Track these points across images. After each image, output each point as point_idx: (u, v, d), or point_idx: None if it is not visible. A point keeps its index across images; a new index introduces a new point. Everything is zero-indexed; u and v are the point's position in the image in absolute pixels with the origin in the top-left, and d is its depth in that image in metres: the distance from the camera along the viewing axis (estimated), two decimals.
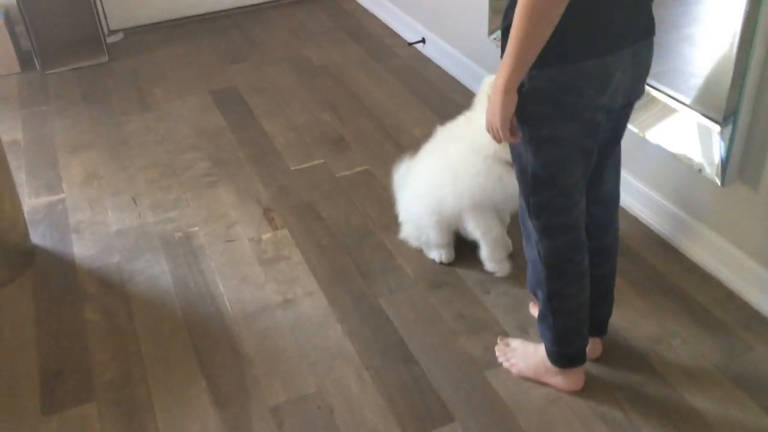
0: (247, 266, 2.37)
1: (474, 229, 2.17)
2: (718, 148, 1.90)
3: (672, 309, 2.06)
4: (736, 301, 2.06)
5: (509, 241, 2.32)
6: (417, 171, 2.30)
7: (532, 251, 1.66)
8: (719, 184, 1.93)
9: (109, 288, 2.32)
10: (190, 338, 2.10)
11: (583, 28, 1.31)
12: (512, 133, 1.43)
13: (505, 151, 1.93)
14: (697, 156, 1.99)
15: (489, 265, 2.21)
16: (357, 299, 2.20)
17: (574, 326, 1.71)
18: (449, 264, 2.29)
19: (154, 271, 2.38)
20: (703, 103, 1.99)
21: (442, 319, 2.10)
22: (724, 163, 1.89)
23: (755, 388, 1.80)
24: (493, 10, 2.82)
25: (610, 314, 1.85)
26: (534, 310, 2.07)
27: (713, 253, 2.12)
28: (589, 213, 1.62)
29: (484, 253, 2.21)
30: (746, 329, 1.96)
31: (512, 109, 1.38)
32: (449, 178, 2.10)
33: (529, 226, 1.63)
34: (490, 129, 1.45)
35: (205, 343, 2.08)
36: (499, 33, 1.49)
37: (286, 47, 3.92)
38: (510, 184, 1.99)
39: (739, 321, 1.99)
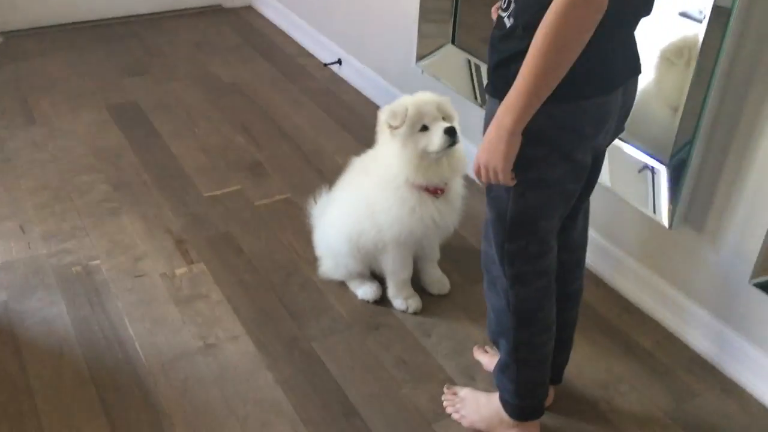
0: (160, 306, 2.12)
1: (386, 266, 2.09)
2: (666, 191, 1.88)
3: (616, 352, 2.01)
4: (676, 343, 2.04)
5: (445, 280, 2.21)
6: (333, 203, 2.19)
7: (497, 299, 1.55)
8: (667, 226, 1.91)
9: None
10: (96, 392, 1.83)
11: (589, 64, 1.21)
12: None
13: (417, 177, 1.89)
14: (639, 198, 1.96)
15: (396, 302, 2.13)
16: (288, 344, 2.01)
17: (538, 377, 1.62)
18: (381, 304, 2.15)
19: (49, 312, 2.08)
20: (647, 141, 1.96)
21: (383, 365, 1.95)
22: (673, 206, 1.87)
23: None
24: (422, 35, 2.73)
25: (566, 362, 1.78)
26: (479, 354, 1.96)
27: (651, 294, 2.11)
28: (558, 259, 1.54)
29: (391, 291, 2.14)
30: (689, 373, 1.95)
31: (516, 150, 1.27)
32: (365, 212, 2.02)
33: (495, 273, 1.53)
34: (483, 171, 1.32)
35: (115, 397, 1.82)
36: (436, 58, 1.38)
37: (190, 62, 3.66)
38: (429, 213, 1.94)
39: (682, 364, 1.97)
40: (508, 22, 1.29)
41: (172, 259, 2.30)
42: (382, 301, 2.16)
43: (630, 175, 2.00)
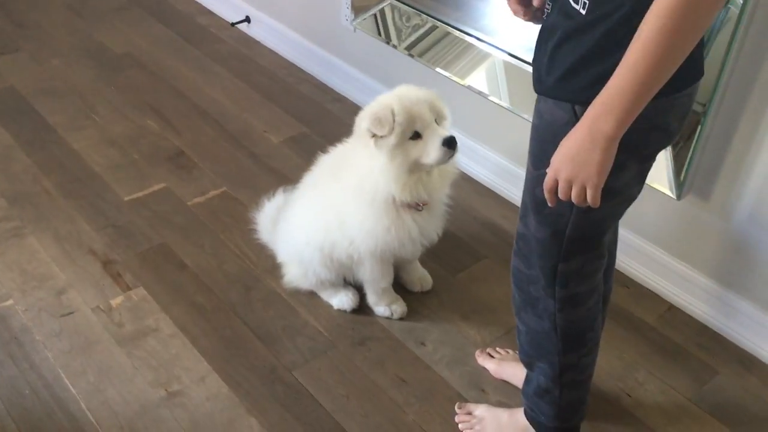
0: (101, 350, 1.77)
1: (363, 275, 1.83)
2: (670, 161, 1.71)
3: (622, 334, 1.87)
4: (680, 315, 1.92)
5: (427, 277, 1.98)
6: (297, 205, 1.88)
7: (538, 322, 1.34)
8: (675, 197, 1.75)
9: None
10: None
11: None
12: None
13: (404, 194, 1.62)
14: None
15: (378, 309, 1.89)
16: (266, 377, 1.73)
17: (582, 397, 1.45)
18: (361, 312, 1.89)
19: None
20: None
21: (380, 388, 1.71)
22: (683, 176, 1.71)
23: (734, 420, 1.67)
24: None
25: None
26: (484, 360, 1.76)
27: (649, 265, 1.97)
28: None
29: (371, 298, 1.89)
30: (701, 349, 1.83)
31: (612, 160, 1.03)
32: (334, 222, 1.74)
33: (536, 294, 1.31)
34: (565, 186, 1.06)
35: None
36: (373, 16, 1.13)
37: (70, 31, 3.13)
38: (403, 232, 1.69)
39: (692, 340, 1.86)
40: (578, 7, 1.03)
41: (103, 288, 1.93)
42: (361, 308, 1.91)
43: None
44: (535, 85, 1.16)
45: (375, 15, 2.45)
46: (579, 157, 1.02)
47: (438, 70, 2.25)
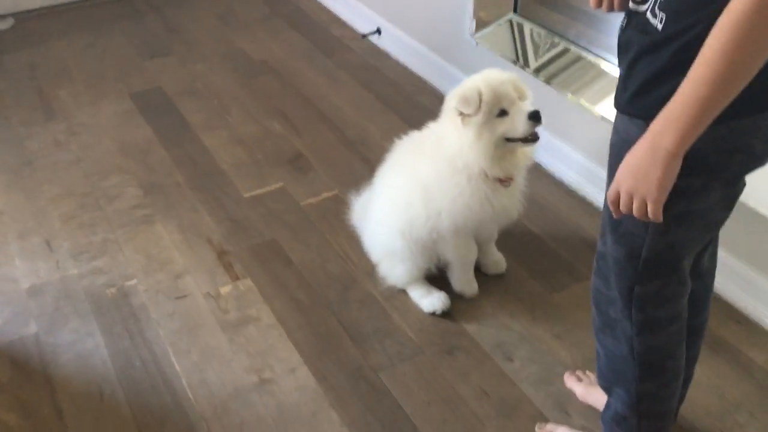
0: (206, 333, 1.90)
1: (449, 253, 1.90)
2: None
3: (726, 372, 1.76)
4: None
5: (503, 261, 2.04)
6: (377, 196, 1.96)
7: (616, 345, 1.30)
8: None
9: (27, 373, 1.80)
10: None
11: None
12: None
13: (494, 169, 1.70)
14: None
15: (457, 285, 1.96)
16: (352, 375, 1.78)
17: (663, 429, 1.38)
18: (451, 319, 1.91)
19: (85, 346, 1.87)
20: None
21: (462, 398, 1.72)
22: None
23: None
24: (479, 3, 2.42)
25: (683, 400, 1.53)
26: (571, 383, 1.72)
27: (764, 300, 1.84)
28: None
29: (455, 275, 1.95)
30: None
31: (675, 177, 0.99)
32: (421, 198, 1.81)
33: (614, 316, 1.27)
34: (626, 199, 1.04)
35: None
36: (494, 29, 1.11)
37: (216, 38, 3.37)
38: (498, 202, 1.77)
39: None
40: (656, 22, 1.00)
41: (215, 275, 2.07)
42: (452, 317, 1.92)
43: None
44: (614, 101, 1.14)
45: (501, 31, 2.45)
46: (640, 171, 1.00)
47: (569, 95, 2.21)
